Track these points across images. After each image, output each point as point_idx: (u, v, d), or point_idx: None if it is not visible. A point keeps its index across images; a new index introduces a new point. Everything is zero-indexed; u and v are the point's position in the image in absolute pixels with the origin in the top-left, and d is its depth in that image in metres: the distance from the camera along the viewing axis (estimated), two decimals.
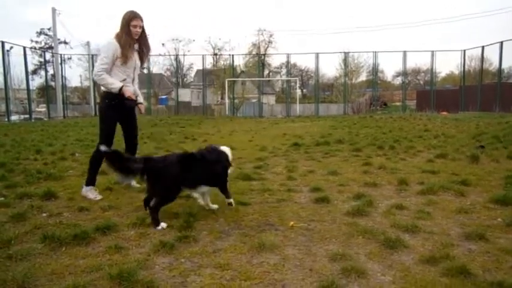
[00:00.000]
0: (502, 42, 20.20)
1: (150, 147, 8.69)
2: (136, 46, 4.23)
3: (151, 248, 2.82)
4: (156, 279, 2.35)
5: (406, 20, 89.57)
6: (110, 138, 4.28)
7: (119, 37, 4.03)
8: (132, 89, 4.26)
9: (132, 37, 4.09)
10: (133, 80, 4.38)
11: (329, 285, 2.25)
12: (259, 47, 42.94)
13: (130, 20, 4.03)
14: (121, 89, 4.01)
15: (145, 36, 4.27)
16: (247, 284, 2.32)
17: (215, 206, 3.78)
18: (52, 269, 2.49)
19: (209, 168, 3.58)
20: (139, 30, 4.11)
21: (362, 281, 2.35)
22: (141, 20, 4.10)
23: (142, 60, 4.41)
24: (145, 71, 27.15)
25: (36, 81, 41.84)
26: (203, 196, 3.76)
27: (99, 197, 4.17)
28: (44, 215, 3.62)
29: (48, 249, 2.80)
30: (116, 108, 4.20)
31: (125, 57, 4.07)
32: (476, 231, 3.03)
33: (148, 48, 4.37)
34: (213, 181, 3.65)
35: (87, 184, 4.27)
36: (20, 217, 3.45)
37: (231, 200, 3.75)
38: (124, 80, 4.15)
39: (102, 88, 4.15)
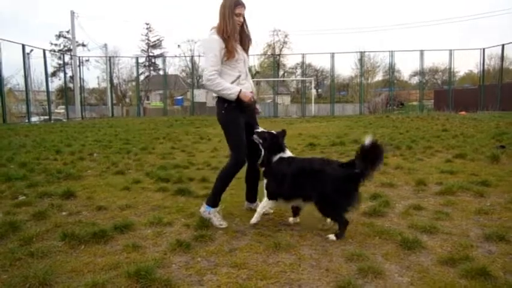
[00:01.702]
0: None
1: (167, 147, 8.77)
2: (237, 37, 3.49)
3: (168, 247, 2.85)
4: (173, 278, 2.37)
5: (423, 18, 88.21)
6: (242, 151, 3.44)
7: (220, 29, 3.31)
8: (250, 89, 3.52)
9: (236, 28, 3.38)
10: (246, 75, 3.56)
11: (346, 285, 2.23)
12: (274, 48, 42.95)
13: (235, 7, 3.33)
14: (239, 94, 3.29)
15: (247, 25, 3.55)
16: (263, 283, 2.32)
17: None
18: (72, 267, 2.54)
19: None
20: (242, 20, 3.43)
21: (379, 281, 2.33)
22: (244, 8, 3.41)
23: (246, 52, 3.61)
24: (161, 72, 27.38)
25: (55, 83, 42.88)
26: None
27: (224, 224, 3.36)
28: (64, 213, 3.70)
29: (68, 247, 2.86)
30: (239, 112, 3.42)
31: (232, 52, 3.34)
32: (497, 232, 2.96)
33: (250, 39, 3.61)
34: None
35: (213, 206, 3.43)
36: (41, 215, 3.53)
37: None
38: (238, 77, 3.42)
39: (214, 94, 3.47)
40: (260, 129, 3.54)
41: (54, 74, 41.76)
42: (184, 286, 2.30)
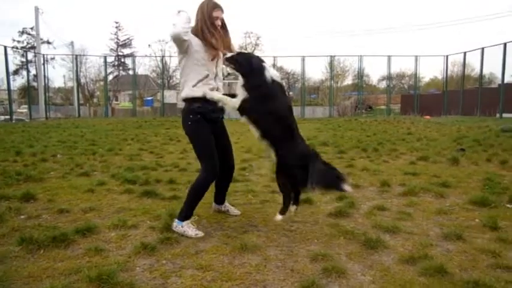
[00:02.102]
0: (483, 48, 20.71)
1: (135, 148, 8.60)
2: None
3: (132, 250, 2.79)
4: (136, 281, 2.33)
5: (391, 24, 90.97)
6: (215, 161, 3.27)
7: (199, 32, 3.20)
8: (215, 89, 3.33)
9: (214, 29, 3.23)
10: (216, 75, 3.36)
11: (309, 285, 2.26)
12: (246, 50, 43.02)
13: (212, 10, 3.21)
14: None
15: (226, 27, 3.40)
16: (228, 285, 2.32)
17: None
18: (29, 272, 2.44)
19: None
20: (220, 23, 3.28)
21: (342, 280, 2.37)
22: (222, 11, 3.29)
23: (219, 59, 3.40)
24: (130, 72, 26.84)
25: (18, 82, 41.13)
26: None
27: (200, 233, 3.18)
28: (22, 217, 3.55)
29: (26, 252, 2.74)
30: (205, 122, 3.25)
31: (210, 49, 3.21)
32: (455, 231, 3.09)
33: (229, 40, 3.46)
34: None
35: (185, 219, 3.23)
36: None
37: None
38: (206, 76, 3.24)
39: (180, 103, 3.25)
40: (229, 54, 3.18)
41: (16, 72, 40.16)
42: None
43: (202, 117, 3.22)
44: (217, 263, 2.62)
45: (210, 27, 3.20)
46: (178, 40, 3.05)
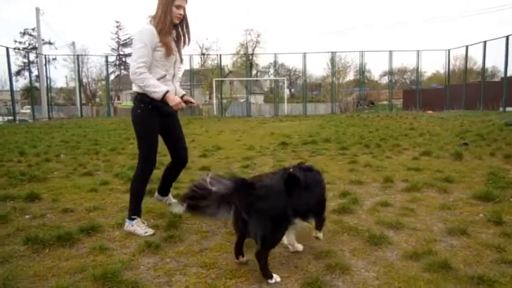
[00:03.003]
0: (485, 42, 20.60)
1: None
2: (174, 33, 3.25)
3: (137, 249, 2.80)
4: (141, 280, 2.34)
5: (393, 19, 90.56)
6: (153, 153, 3.37)
7: (156, 21, 3.08)
8: (173, 91, 3.25)
9: (173, 21, 3.13)
10: (173, 76, 3.35)
11: (313, 282, 2.26)
12: (247, 47, 42.92)
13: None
14: (165, 95, 3.04)
15: (188, 23, 3.29)
16: (232, 282, 2.33)
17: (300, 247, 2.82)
18: (34, 271, 2.46)
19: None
20: (182, 13, 3.16)
21: (346, 277, 2.37)
22: (186, 1, 3.15)
23: (179, 52, 3.36)
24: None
25: (21, 83, 41.27)
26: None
27: (150, 231, 3.14)
28: (27, 217, 3.57)
29: (31, 251, 2.76)
30: (156, 114, 3.22)
31: (166, 47, 3.11)
32: (459, 226, 3.08)
33: (188, 38, 3.35)
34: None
35: (133, 215, 3.21)
36: (2, 219, 3.38)
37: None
38: (163, 76, 3.20)
39: (135, 89, 3.20)
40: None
41: (19, 73, 40.22)
42: (152, 287, 2.27)
43: (153, 108, 3.17)
44: (221, 260, 2.63)
45: (168, 26, 3.09)
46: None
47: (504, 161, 6.02)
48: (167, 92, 3.05)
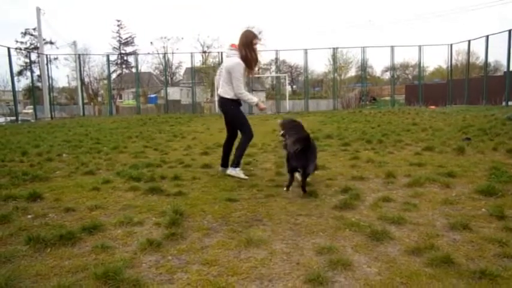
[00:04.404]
0: (487, 36, 20.47)
1: (140, 145, 8.62)
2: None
3: (138, 247, 2.81)
4: (143, 278, 2.34)
5: (394, 15, 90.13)
6: (250, 127, 5.17)
7: (243, 56, 4.89)
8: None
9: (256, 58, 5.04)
10: (246, 86, 5.20)
11: (315, 278, 2.26)
12: None
13: (253, 38, 4.93)
14: (257, 103, 5.10)
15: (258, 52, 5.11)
16: (234, 279, 2.32)
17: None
18: (37, 271, 2.46)
19: None
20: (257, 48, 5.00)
21: (348, 273, 2.37)
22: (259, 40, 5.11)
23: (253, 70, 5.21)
24: (133, 69, 26.80)
25: (22, 83, 41.44)
26: None
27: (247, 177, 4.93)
28: (29, 216, 3.58)
29: (33, 250, 2.77)
30: (239, 107, 5.16)
31: (252, 72, 5.17)
32: (461, 221, 3.07)
33: (257, 63, 5.21)
34: None
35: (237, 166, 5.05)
36: (4, 219, 3.39)
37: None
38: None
39: (227, 96, 4.98)
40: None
41: (20, 73, 40.36)
42: (153, 285, 2.27)
43: (238, 104, 5.11)
44: (222, 257, 2.63)
45: (253, 56, 4.97)
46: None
47: (507, 156, 6.00)
48: (258, 100, 5.19)
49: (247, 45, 4.86)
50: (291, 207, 3.72)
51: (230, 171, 5.02)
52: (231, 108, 5.08)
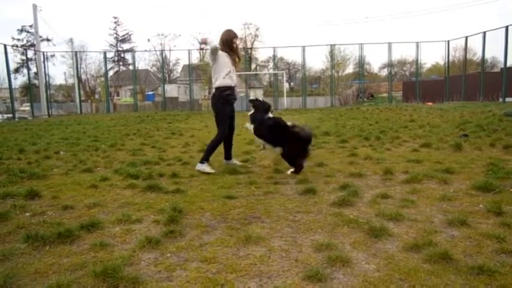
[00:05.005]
0: (484, 33, 20.50)
1: (137, 143, 8.61)
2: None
3: (137, 244, 2.80)
4: (141, 275, 2.34)
5: (391, 11, 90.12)
6: (226, 126, 5.44)
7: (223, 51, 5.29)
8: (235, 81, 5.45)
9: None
10: (233, 72, 5.40)
11: (314, 275, 2.26)
12: (245, 41, 42.76)
13: (233, 38, 5.37)
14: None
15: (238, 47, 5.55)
16: (233, 277, 2.33)
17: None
18: (35, 269, 2.46)
19: None
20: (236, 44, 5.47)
21: (347, 269, 2.37)
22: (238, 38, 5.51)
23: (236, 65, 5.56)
24: (130, 67, 26.71)
25: (19, 80, 41.21)
26: None
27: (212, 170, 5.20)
28: (27, 214, 3.57)
29: (32, 248, 2.76)
30: (226, 104, 5.39)
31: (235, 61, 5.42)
32: (459, 217, 3.08)
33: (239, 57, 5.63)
34: None
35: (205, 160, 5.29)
36: (2, 217, 3.38)
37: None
38: (228, 72, 5.29)
39: (217, 84, 5.28)
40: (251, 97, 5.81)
41: (17, 71, 40.20)
42: (152, 283, 2.27)
43: (224, 100, 5.33)
44: (221, 255, 2.63)
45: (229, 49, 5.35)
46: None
47: (504, 152, 6.02)
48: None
49: (227, 43, 5.28)
50: (289, 204, 3.72)
51: (197, 166, 5.27)
52: (215, 103, 5.36)
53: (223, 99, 5.29)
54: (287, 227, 3.14)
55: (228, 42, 5.31)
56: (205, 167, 5.19)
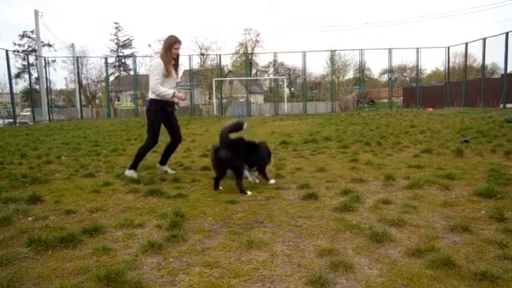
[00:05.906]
0: (485, 39, 20.60)
1: (136, 148, 8.59)
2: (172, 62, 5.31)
3: (140, 249, 2.81)
4: (144, 280, 2.34)
5: (391, 17, 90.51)
6: (158, 134, 5.45)
7: (163, 57, 5.18)
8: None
9: (172, 57, 5.25)
10: (175, 87, 5.49)
11: (317, 280, 2.27)
12: (246, 47, 42.89)
13: (174, 43, 5.19)
14: (173, 94, 5.19)
15: (178, 55, 5.45)
16: (235, 281, 2.33)
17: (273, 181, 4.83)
18: (38, 273, 2.46)
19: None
20: (178, 52, 5.33)
21: (349, 274, 2.38)
22: (180, 44, 5.31)
23: (177, 74, 5.55)
24: (131, 72, 26.80)
25: (20, 85, 41.32)
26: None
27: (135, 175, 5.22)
28: (30, 219, 3.57)
29: (34, 253, 2.76)
30: (160, 111, 5.34)
31: (169, 72, 5.24)
32: (461, 223, 3.08)
33: (178, 65, 5.56)
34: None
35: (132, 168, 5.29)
36: (5, 222, 3.39)
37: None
38: (171, 87, 5.33)
39: (152, 96, 5.24)
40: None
41: (18, 76, 40.30)
42: (155, 287, 2.27)
43: (161, 108, 5.33)
44: (224, 259, 2.63)
45: (168, 55, 5.21)
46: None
47: (505, 158, 6.03)
48: (174, 92, 5.24)
49: (168, 48, 5.20)
50: (291, 209, 3.73)
51: (126, 172, 5.30)
52: (151, 111, 5.34)
53: (159, 106, 5.30)
54: (289, 232, 3.14)
55: (169, 47, 5.20)
56: (133, 174, 5.22)
